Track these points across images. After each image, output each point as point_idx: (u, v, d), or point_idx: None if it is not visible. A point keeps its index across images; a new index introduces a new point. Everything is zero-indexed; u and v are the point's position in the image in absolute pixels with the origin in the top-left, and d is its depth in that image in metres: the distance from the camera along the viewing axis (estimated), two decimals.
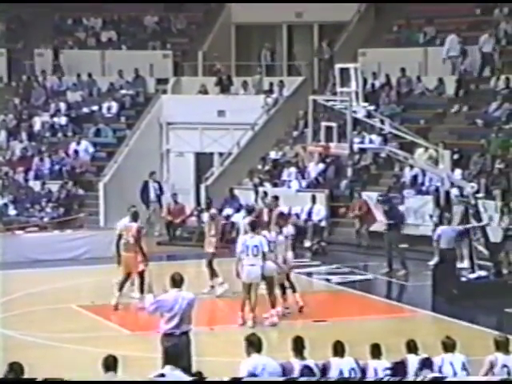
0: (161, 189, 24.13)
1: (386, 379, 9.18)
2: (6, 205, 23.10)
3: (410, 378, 9.42)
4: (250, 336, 9.16)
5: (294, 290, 15.11)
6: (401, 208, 20.48)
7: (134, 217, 15.90)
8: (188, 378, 8.88)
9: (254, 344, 9.08)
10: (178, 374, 8.87)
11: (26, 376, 8.56)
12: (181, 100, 26.21)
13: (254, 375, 8.70)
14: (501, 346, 9.52)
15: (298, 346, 9.26)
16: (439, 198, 18.06)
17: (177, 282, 10.37)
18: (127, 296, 15.71)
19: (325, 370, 9.31)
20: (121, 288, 15.48)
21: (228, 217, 22.48)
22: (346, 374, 9.30)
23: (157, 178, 24.28)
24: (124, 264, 15.56)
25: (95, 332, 14.02)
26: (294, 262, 15.41)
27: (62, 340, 13.41)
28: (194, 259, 18.96)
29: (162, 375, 8.45)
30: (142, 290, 15.19)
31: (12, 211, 23.05)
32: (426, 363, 9.17)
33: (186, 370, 9.14)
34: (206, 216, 17.09)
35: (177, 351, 9.50)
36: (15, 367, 8.53)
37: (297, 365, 9.05)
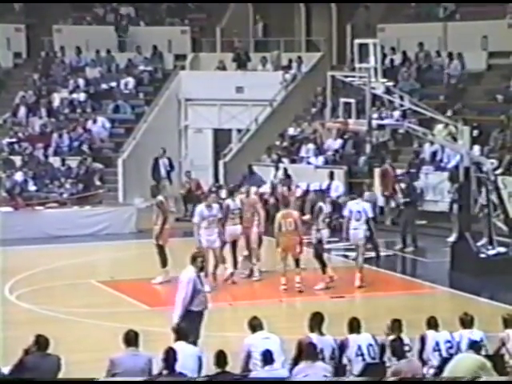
0: (171, 165, 24.12)
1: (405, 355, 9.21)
2: (25, 181, 23.19)
3: (429, 354, 9.46)
4: (251, 320, 9.36)
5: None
6: (417, 184, 20.41)
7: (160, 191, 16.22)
8: (197, 351, 9.06)
9: (255, 327, 9.29)
10: (190, 349, 8.99)
11: (49, 350, 8.67)
12: (199, 76, 26.19)
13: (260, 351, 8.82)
14: (509, 324, 9.57)
15: (317, 321, 9.34)
16: (457, 175, 17.98)
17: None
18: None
19: (343, 346, 9.37)
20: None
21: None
22: (365, 350, 9.35)
23: (167, 155, 24.23)
24: (167, 237, 15.72)
25: (115, 307, 14.13)
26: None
27: (82, 315, 13.53)
28: None
29: (173, 350, 8.55)
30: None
31: (32, 187, 23.15)
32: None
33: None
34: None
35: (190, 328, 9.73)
36: (41, 340, 8.64)
37: (315, 339, 9.13)
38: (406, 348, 9.25)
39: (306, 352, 8.73)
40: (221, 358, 8.61)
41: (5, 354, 9.24)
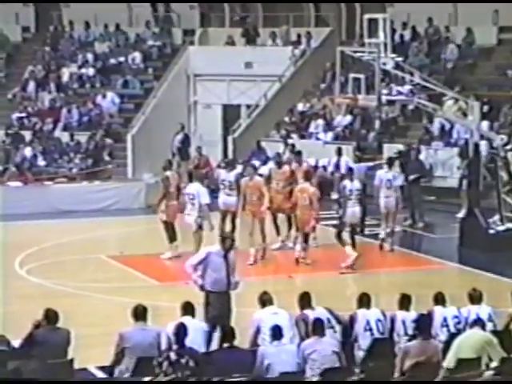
0: (183, 141, 23.95)
1: (411, 332, 9.23)
2: (35, 156, 23.26)
3: (437, 330, 9.48)
4: (262, 295, 9.36)
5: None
6: (425, 160, 20.32)
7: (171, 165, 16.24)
8: (205, 326, 9.14)
9: (264, 302, 9.32)
10: (196, 323, 9.04)
11: (59, 324, 8.73)
12: (208, 51, 26.10)
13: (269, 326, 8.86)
14: None
15: (307, 300, 9.38)
16: (466, 150, 17.93)
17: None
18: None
19: (352, 321, 9.40)
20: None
21: (255, 169, 22.46)
22: (373, 325, 9.39)
23: (178, 130, 24.13)
24: (171, 213, 15.61)
25: (124, 282, 14.19)
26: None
27: (92, 289, 13.60)
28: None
29: (184, 325, 8.59)
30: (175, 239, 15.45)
31: (41, 162, 23.21)
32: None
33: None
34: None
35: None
36: (50, 314, 8.70)
37: (311, 314, 9.19)
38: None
39: (313, 327, 8.77)
40: (228, 333, 8.66)
41: (15, 327, 9.31)
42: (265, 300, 9.44)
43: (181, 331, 8.52)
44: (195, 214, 14.38)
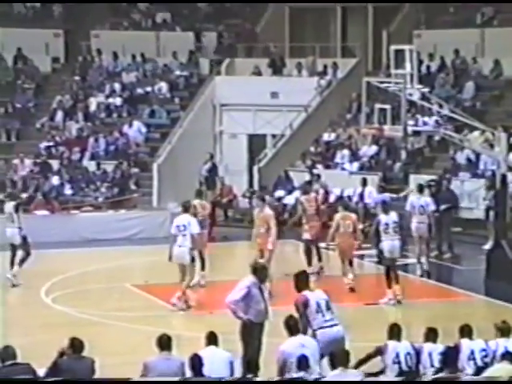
0: (210, 170, 24.06)
1: (437, 365, 9.12)
2: (62, 184, 23.44)
3: (464, 363, 9.37)
4: (288, 319, 9.26)
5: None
6: (453, 190, 20.25)
7: (201, 195, 16.24)
8: (229, 356, 9.02)
9: (290, 328, 9.19)
10: (221, 353, 8.98)
11: (84, 353, 8.72)
12: (234, 81, 26.24)
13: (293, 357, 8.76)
14: None
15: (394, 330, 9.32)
16: (493, 181, 17.83)
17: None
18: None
19: (381, 352, 9.28)
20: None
21: (280, 198, 22.51)
22: (402, 359, 9.27)
23: (203, 159, 24.22)
24: (197, 241, 15.66)
25: (149, 311, 14.18)
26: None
27: (117, 318, 13.60)
28: (248, 240, 19.00)
29: (198, 356, 8.56)
30: (203, 268, 15.49)
31: (68, 191, 23.39)
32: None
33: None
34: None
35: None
36: (76, 343, 8.70)
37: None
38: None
39: (338, 359, 8.69)
40: (252, 364, 8.59)
41: (40, 356, 9.32)
42: (291, 326, 9.26)
43: (195, 362, 8.48)
44: (188, 246, 14.17)
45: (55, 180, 23.53)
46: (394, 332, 9.39)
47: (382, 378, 9.06)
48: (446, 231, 18.65)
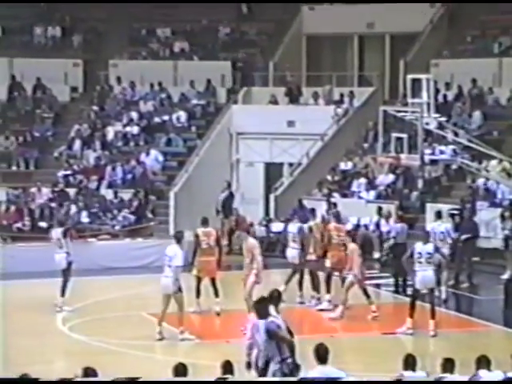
0: (226, 199, 24.16)
1: None
2: (79, 212, 23.53)
3: None
4: (319, 347, 9.13)
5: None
6: (475, 219, 20.15)
7: (207, 222, 16.14)
8: None
9: (320, 354, 9.09)
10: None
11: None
12: (251, 110, 26.35)
13: None
14: None
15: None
16: (511, 211, 17.75)
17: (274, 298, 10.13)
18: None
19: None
20: (199, 294, 15.70)
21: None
22: None
23: (221, 188, 24.32)
24: (204, 269, 15.72)
25: (165, 340, 14.14)
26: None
27: (133, 347, 13.58)
28: (264, 269, 18.97)
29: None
30: (217, 295, 15.50)
31: (85, 219, 23.47)
32: None
33: None
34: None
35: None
36: (89, 372, 8.69)
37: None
38: None
39: None
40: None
41: None
42: (322, 354, 8.95)
43: None
44: (172, 276, 14.10)
45: (72, 208, 23.63)
46: (409, 362, 9.31)
47: None
48: (467, 261, 18.52)
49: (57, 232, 16.75)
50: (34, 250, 20.14)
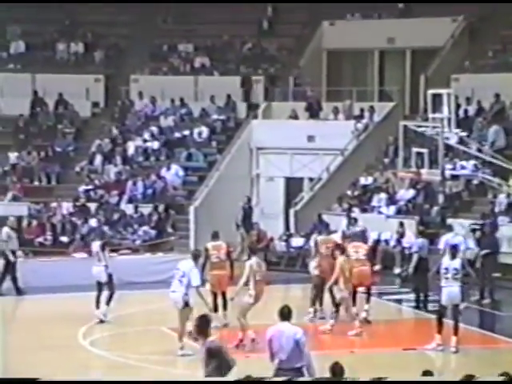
0: (245, 214, 24.20)
1: None
2: (99, 227, 23.60)
3: None
4: (334, 366, 9.15)
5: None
6: (496, 236, 20.03)
7: (217, 236, 16.17)
8: None
9: (335, 373, 9.09)
10: None
11: None
12: (271, 125, 26.39)
13: None
14: None
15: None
16: None
17: (285, 315, 10.09)
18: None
19: None
20: (216, 308, 15.73)
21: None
22: None
23: (240, 203, 24.36)
24: (216, 282, 15.76)
25: (187, 355, 14.12)
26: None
27: (153, 362, 13.57)
28: (283, 284, 18.96)
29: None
30: (225, 308, 15.51)
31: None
32: None
33: None
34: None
35: None
36: None
37: None
38: None
39: None
40: None
41: None
42: (336, 372, 9.14)
43: None
44: (182, 291, 14.10)
45: (93, 223, 23.73)
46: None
47: None
48: (487, 277, 18.41)
49: (95, 245, 17.01)
50: (55, 265, 20.24)
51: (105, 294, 16.54)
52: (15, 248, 19.61)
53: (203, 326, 9.53)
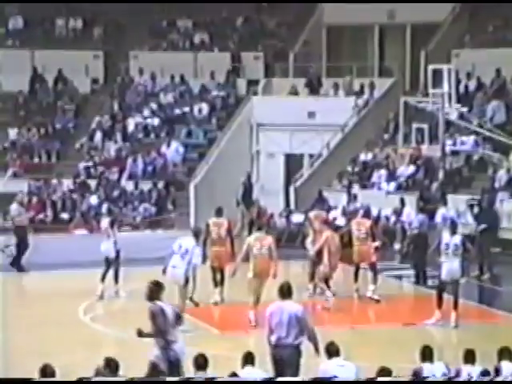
0: (245, 190, 24.21)
1: None
2: (100, 204, 23.63)
3: None
4: (329, 345, 9.21)
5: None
6: (496, 211, 20.04)
7: (220, 212, 16.16)
8: (265, 376, 8.96)
9: (331, 353, 9.15)
10: (258, 373, 8.95)
11: (121, 372, 8.76)
12: (271, 101, 26.32)
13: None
14: None
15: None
16: None
17: (285, 292, 10.08)
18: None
19: (417, 375, 9.20)
20: (216, 284, 15.78)
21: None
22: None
23: (241, 179, 24.37)
24: (216, 258, 15.82)
25: (186, 331, 14.17)
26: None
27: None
28: (283, 260, 18.96)
29: (235, 374, 8.56)
30: (222, 284, 15.71)
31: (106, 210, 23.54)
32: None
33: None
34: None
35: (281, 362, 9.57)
36: (111, 363, 8.75)
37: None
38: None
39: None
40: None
41: (78, 375, 9.39)
42: (331, 351, 9.26)
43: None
44: (184, 268, 14.16)
45: (93, 200, 23.74)
46: (426, 354, 9.29)
47: None
48: (485, 251, 18.43)
49: (105, 221, 17.15)
50: (55, 242, 20.27)
51: (111, 271, 16.55)
52: (25, 223, 19.71)
53: (155, 292, 9.69)
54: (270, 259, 14.37)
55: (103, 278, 16.49)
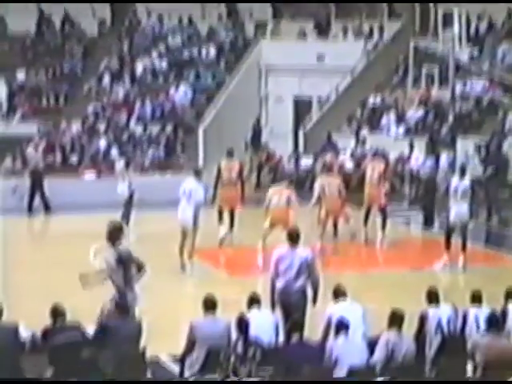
0: (254, 134, 24.22)
1: (484, 328, 9.08)
2: (108, 147, 23.64)
3: (511, 328, 9.30)
4: (336, 288, 9.30)
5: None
6: (504, 154, 19.98)
7: (231, 154, 16.13)
8: (274, 318, 9.03)
9: (338, 295, 9.21)
10: (265, 315, 9.04)
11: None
12: (280, 44, 26.10)
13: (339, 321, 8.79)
14: None
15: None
16: None
17: (293, 237, 10.10)
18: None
19: (423, 319, 9.25)
20: (221, 221, 16.02)
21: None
22: (445, 325, 9.22)
23: (249, 123, 24.37)
24: (224, 200, 15.88)
25: (195, 273, 14.29)
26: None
27: (162, 280, 13.73)
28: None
29: (243, 318, 8.66)
30: (232, 226, 15.75)
31: (114, 153, 23.56)
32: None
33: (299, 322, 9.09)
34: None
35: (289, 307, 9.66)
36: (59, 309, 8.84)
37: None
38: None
39: (391, 320, 8.68)
40: (297, 326, 8.65)
41: (88, 315, 9.51)
42: (338, 293, 9.32)
43: (242, 324, 8.56)
44: (192, 210, 14.24)
45: (102, 143, 23.73)
46: (432, 297, 9.34)
47: None
48: (494, 195, 18.43)
49: (120, 164, 17.62)
50: (64, 184, 20.34)
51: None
52: (41, 166, 20.01)
53: (115, 233, 9.66)
54: (287, 210, 14.36)
55: (124, 218, 16.65)
